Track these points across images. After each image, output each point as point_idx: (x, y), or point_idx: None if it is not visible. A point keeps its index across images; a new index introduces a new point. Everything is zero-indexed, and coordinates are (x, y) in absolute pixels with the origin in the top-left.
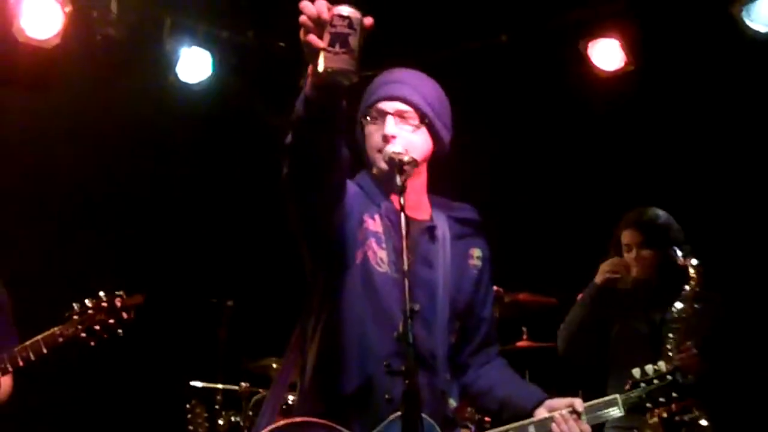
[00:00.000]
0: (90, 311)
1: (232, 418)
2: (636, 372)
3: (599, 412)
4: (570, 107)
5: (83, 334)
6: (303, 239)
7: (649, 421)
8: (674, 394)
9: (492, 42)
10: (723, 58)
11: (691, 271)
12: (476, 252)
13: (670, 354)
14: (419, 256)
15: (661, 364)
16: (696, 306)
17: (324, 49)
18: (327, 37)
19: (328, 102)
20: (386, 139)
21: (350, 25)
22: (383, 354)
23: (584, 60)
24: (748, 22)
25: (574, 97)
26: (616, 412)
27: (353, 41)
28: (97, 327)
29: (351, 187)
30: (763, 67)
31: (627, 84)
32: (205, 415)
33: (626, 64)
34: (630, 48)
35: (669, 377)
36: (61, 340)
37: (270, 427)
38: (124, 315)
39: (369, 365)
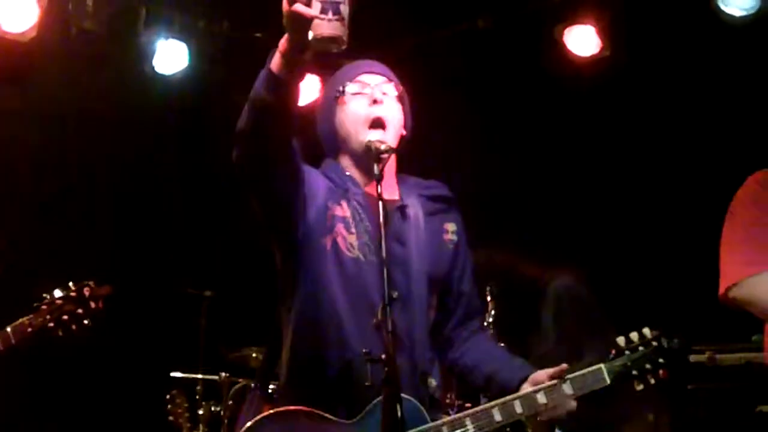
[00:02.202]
0: (58, 301)
1: (213, 408)
2: (620, 340)
3: (585, 383)
4: (546, 93)
5: (51, 324)
6: (268, 229)
7: (636, 388)
8: (661, 360)
9: (469, 27)
10: (698, 42)
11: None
12: (451, 227)
13: None
14: (391, 235)
15: (646, 330)
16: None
17: (316, 17)
18: (318, 5)
19: (296, 81)
20: (375, 102)
21: None
22: (361, 340)
23: (560, 46)
24: (723, 7)
25: (550, 82)
26: (602, 381)
27: (344, 9)
28: (66, 317)
29: (315, 176)
30: (738, 51)
31: (603, 70)
32: (186, 405)
33: (602, 49)
34: (605, 34)
35: (654, 343)
36: (30, 330)
37: (259, 417)
38: (93, 305)
39: (347, 351)
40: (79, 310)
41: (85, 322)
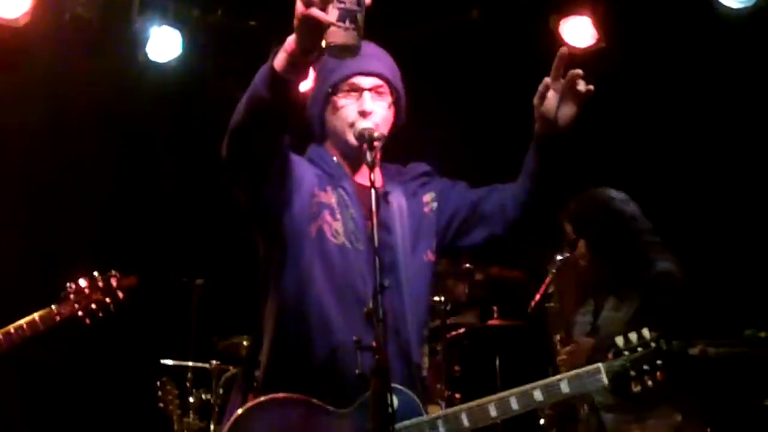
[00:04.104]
0: (86, 290)
1: (203, 396)
2: (619, 340)
3: (584, 382)
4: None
5: (80, 313)
6: (252, 221)
7: (634, 389)
8: (659, 362)
9: (463, 18)
10: (695, 34)
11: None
12: (429, 197)
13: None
14: (378, 222)
15: (645, 332)
16: None
17: (332, 24)
18: (335, 12)
19: (299, 82)
20: (364, 115)
21: (358, 3)
22: (347, 328)
23: (555, 37)
24: None
25: (545, 74)
26: (600, 381)
27: (361, 18)
28: (94, 306)
29: (300, 163)
30: (736, 43)
31: (598, 61)
32: (176, 392)
33: (597, 41)
34: (601, 25)
35: (653, 344)
36: (58, 318)
37: (249, 405)
38: (120, 294)
39: (332, 339)
40: (107, 299)
41: (112, 310)
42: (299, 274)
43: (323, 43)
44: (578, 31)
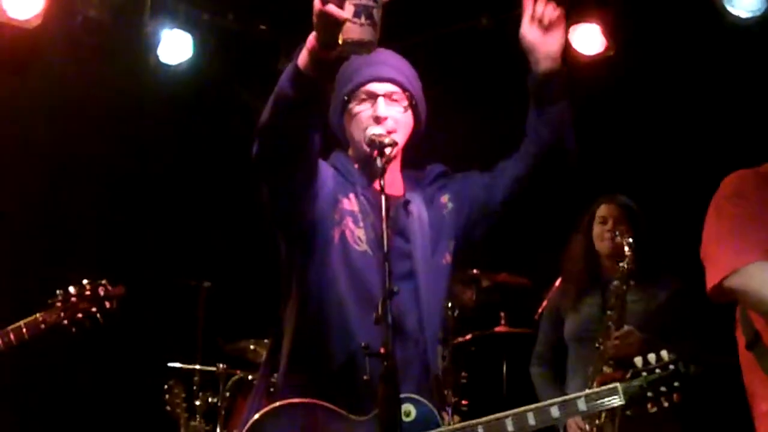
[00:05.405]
0: (73, 299)
1: (210, 399)
2: (638, 360)
3: (599, 401)
4: None
5: (65, 322)
6: (275, 220)
7: (650, 410)
8: (676, 384)
9: (472, 25)
10: (704, 43)
11: (626, 249)
12: (446, 198)
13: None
14: (396, 230)
15: (664, 353)
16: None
17: (348, 20)
18: (351, 8)
19: (323, 80)
20: (378, 121)
21: (375, 0)
22: (364, 333)
23: (564, 44)
24: (728, 8)
25: None
26: (616, 401)
27: (377, 14)
28: (80, 315)
29: (325, 167)
30: (744, 52)
31: (607, 69)
32: (183, 395)
33: (606, 48)
34: (610, 33)
35: (671, 367)
36: (43, 326)
37: (268, 408)
38: (107, 304)
39: (351, 344)
40: (93, 309)
41: (99, 320)
42: (320, 278)
43: (339, 39)
44: (587, 39)
